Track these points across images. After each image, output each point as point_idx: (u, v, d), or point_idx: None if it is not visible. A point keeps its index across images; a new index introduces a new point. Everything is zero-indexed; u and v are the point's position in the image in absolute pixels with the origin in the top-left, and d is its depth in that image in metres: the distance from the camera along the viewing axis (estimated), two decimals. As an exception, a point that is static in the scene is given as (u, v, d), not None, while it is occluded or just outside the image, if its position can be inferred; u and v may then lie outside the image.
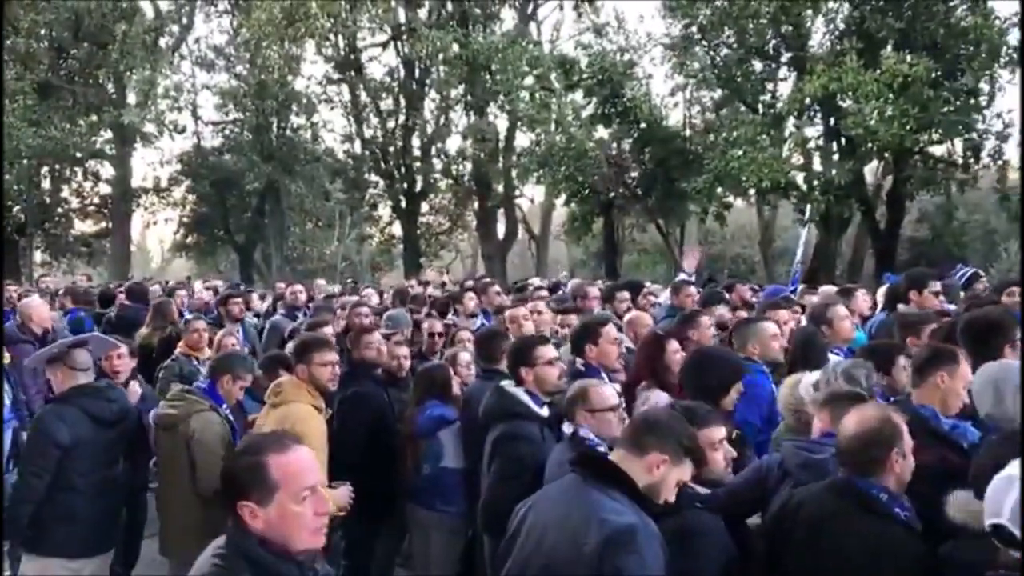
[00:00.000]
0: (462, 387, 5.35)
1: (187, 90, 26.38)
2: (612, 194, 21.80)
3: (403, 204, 26.45)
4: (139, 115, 24.27)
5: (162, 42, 26.32)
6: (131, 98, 25.72)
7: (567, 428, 3.79)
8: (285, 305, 9.81)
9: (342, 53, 25.18)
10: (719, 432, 3.20)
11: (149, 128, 26.07)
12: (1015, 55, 18.45)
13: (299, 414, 4.34)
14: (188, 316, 8.14)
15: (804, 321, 6.13)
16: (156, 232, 45.49)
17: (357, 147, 27.04)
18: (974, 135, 18.86)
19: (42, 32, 24.90)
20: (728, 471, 3.23)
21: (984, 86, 18.40)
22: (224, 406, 4.87)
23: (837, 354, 5.10)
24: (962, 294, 7.09)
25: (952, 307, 6.14)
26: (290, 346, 5.84)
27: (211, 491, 4.65)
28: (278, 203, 26.07)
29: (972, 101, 18.05)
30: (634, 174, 21.69)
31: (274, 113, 24.83)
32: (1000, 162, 20.20)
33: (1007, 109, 19.23)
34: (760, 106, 20.08)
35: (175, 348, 6.93)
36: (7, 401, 6.07)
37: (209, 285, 14.08)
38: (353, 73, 25.62)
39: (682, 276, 8.32)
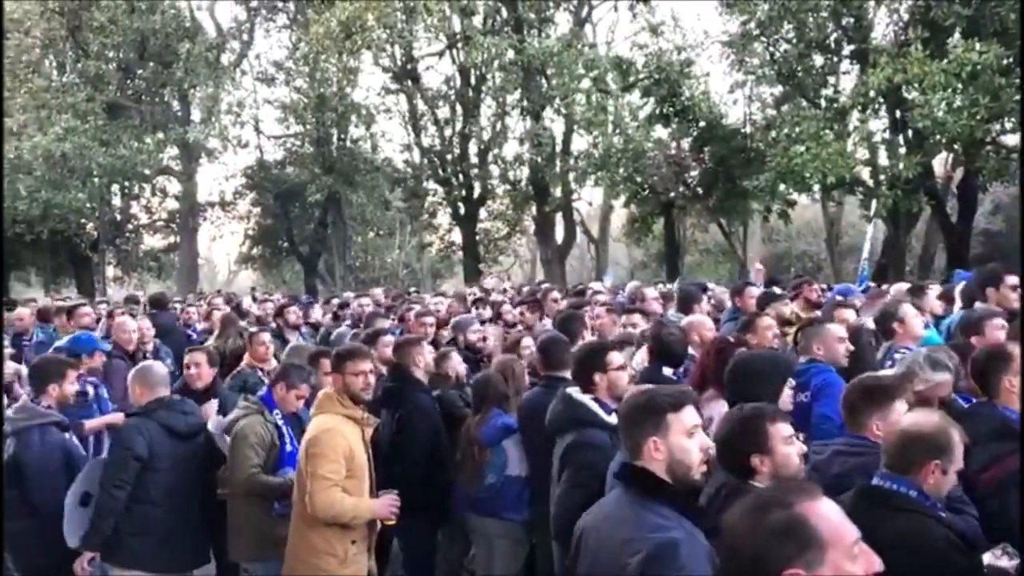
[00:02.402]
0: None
1: (249, 105, 26.98)
2: (672, 194, 21.56)
3: (462, 211, 26.57)
4: (203, 131, 24.89)
5: (224, 59, 26.94)
6: (195, 115, 26.40)
7: None
8: (351, 316, 9.93)
9: (399, 63, 25.42)
10: (788, 428, 3.09)
11: (213, 143, 26.72)
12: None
13: (324, 424, 4.33)
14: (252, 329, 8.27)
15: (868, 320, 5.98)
16: (222, 245, 46.60)
17: (415, 156, 27.28)
18: (1049, 122, 18.16)
19: (110, 54, 25.71)
20: (802, 466, 3.11)
21: (1059, 71, 17.70)
22: (276, 412, 4.92)
23: (903, 354, 4.93)
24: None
25: None
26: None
27: (240, 490, 4.73)
28: (340, 214, 26.43)
29: (1046, 88, 17.38)
30: (694, 173, 21.42)
31: (334, 125, 25.18)
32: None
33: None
34: (822, 101, 19.65)
35: (241, 360, 7.07)
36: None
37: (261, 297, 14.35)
38: (410, 83, 25.85)
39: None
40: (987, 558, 2.82)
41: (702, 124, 20.14)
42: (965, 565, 2.69)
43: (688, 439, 2.60)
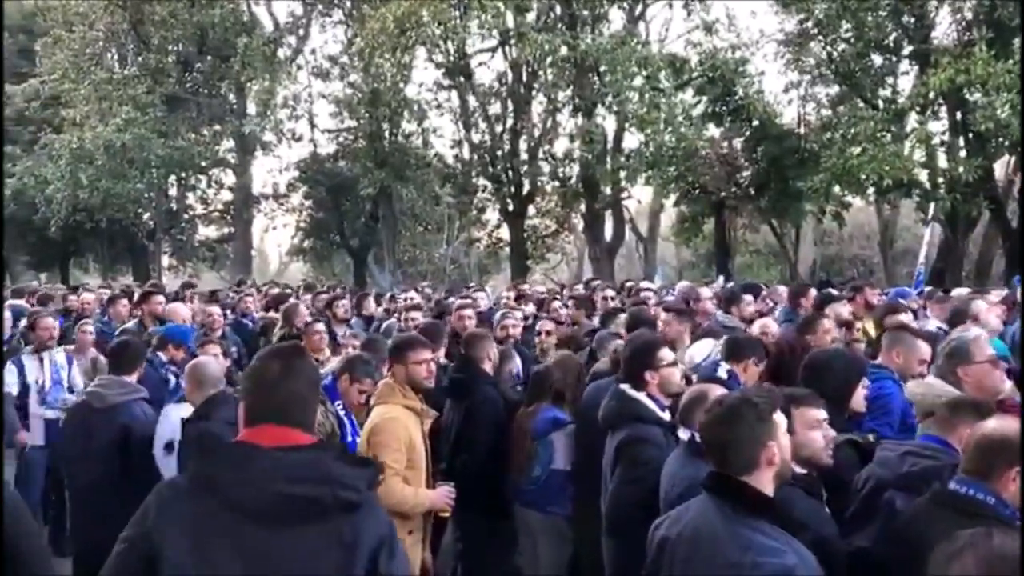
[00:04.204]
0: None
1: (304, 99, 27.29)
2: (723, 194, 21.37)
3: (510, 207, 26.62)
4: (259, 124, 25.27)
5: (280, 53, 27.31)
6: (251, 108, 26.80)
7: (683, 434, 3.74)
8: (397, 309, 10.05)
9: (452, 59, 25.53)
10: (819, 412, 3.16)
11: (268, 137, 27.12)
12: None
13: (386, 414, 4.38)
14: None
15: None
16: (275, 237, 47.25)
17: (466, 152, 27.37)
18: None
19: (170, 48, 26.24)
20: (828, 451, 3.17)
21: None
22: (337, 403, 4.99)
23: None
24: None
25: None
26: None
27: None
28: (390, 208, 26.65)
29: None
30: (746, 173, 21.20)
31: (386, 120, 25.37)
32: None
33: None
34: (880, 101, 19.33)
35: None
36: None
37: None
38: (462, 79, 25.95)
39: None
40: None
41: (755, 123, 19.91)
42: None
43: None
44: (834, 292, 7.93)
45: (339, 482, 2.10)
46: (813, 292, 7.46)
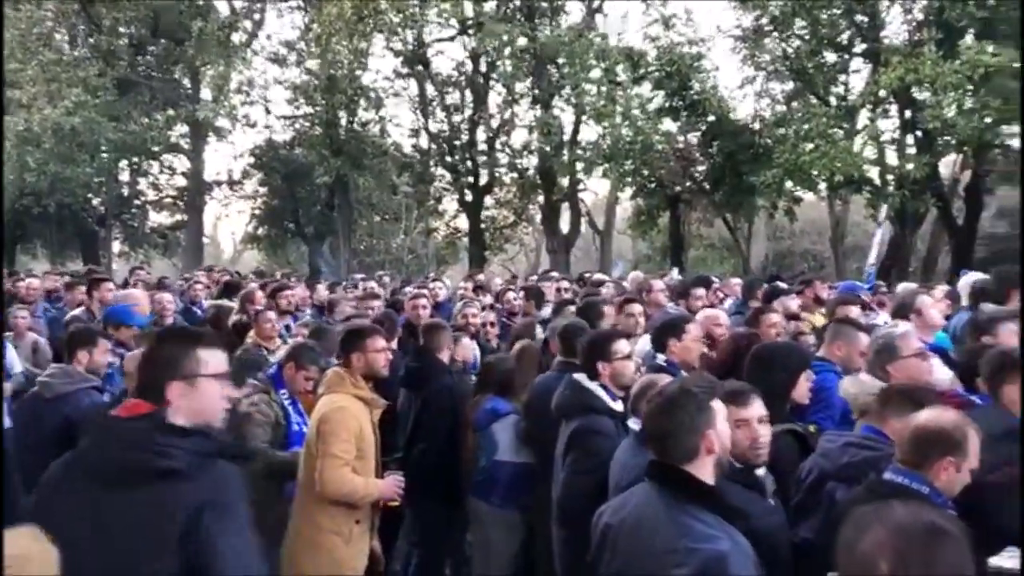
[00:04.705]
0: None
1: (259, 85, 26.94)
2: (679, 188, 21.58)
3: (468, 198, 26.58)
4: (213, 110, 24.86)
5: (235, 38, 26.88)
6: (206, 93, 26.37)
7: (634, 424, 3.79)
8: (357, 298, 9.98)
9: (410, 48, 25.38)
10: (747, 411, 3.16)
11: (223, 122, 26.70)
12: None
13: (335, 403, 4.37)
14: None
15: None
16: (229, 224, 46.60)
17: (424, 141, 27.26)
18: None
19: (122, 30, 25.67)
20: (759, 450, 3.18)
21: (1071, 77, 17.68)
22: (283, 391, 4.98)
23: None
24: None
25: None
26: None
27: (257, 468, 4.79)
28: (346, 196, 26.44)
29: (1057, 92, 17.36)
30: (702, 168, 21.42)
31: (343, 107, 25.14)
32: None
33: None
34: (832, 98, 19.66)
35: (245, 336, 7.13)
36: None
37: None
38: (420, 67, 25.82)
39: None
40: (994, 560, 2.87)
41: (711, 119, 20.12)
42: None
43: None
44: (783, 286, 8.06)
45: (155, 450, 2.26)
46: (766, 286, 7.58)
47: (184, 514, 2.19)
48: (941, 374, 4.65)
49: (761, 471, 3.12)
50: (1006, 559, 2.81)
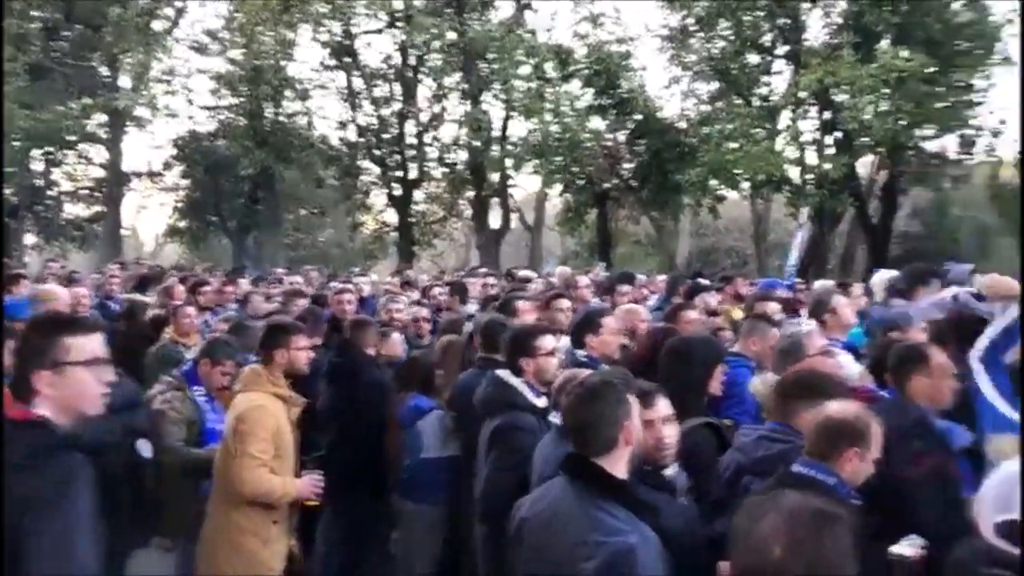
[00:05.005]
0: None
1: (181, 74, 26.21)
2: (606, 185, 21.81)
3: (397, 192, 26.37)
4: (132, 99, 24.12)
5: (156, 25, 26.11)
6: (124, 81, 25.55)
7: (556, 418, 3.80)
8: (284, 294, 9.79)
9: (337, 39, 25.03)
10: (653, 412, 3.12)
11: (142, 112, 25.91)
12: (1010, 52, 18.53)
13: (252, 401, 4.28)
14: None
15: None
16: (149, 217, 45.30)
17: (351, 134, 26.91)
18: (968, 131, 18.94)
19: (34, 13, 24.67)
20: (671, 449, 3.16)
21: (978, 82, 18.49)
22: (198, 388, 4.87)
23: (834, 345, 5.10)
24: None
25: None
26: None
27: (173, 466, 4.69)
28: (272, 190, 25.95)
29: (966, 97, 18.12)
30: (629, 165, 21.69)
31: (268, 99, 24.67)
32: (993, 158, 20.29)
33: (1000, 105, 19.37)
34: (755, 99, 20.09)
35: (162, 331, 6.95)
36: None
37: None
38: (348, 59, 25.49)
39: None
40: (895, 548, 2.96)
41: (638, 117, 20.39)
42: (873, 552, 2.82)
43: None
44: (705, 283, 8.20)
45: None
46: (689, 283, 7.71)
47: (10, 509, 2.11)
48: (851, 370, 4.78)
49: (671, 470, 3.12)
50: (906, 547, 2.91)
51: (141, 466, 4.94)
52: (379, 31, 25.21)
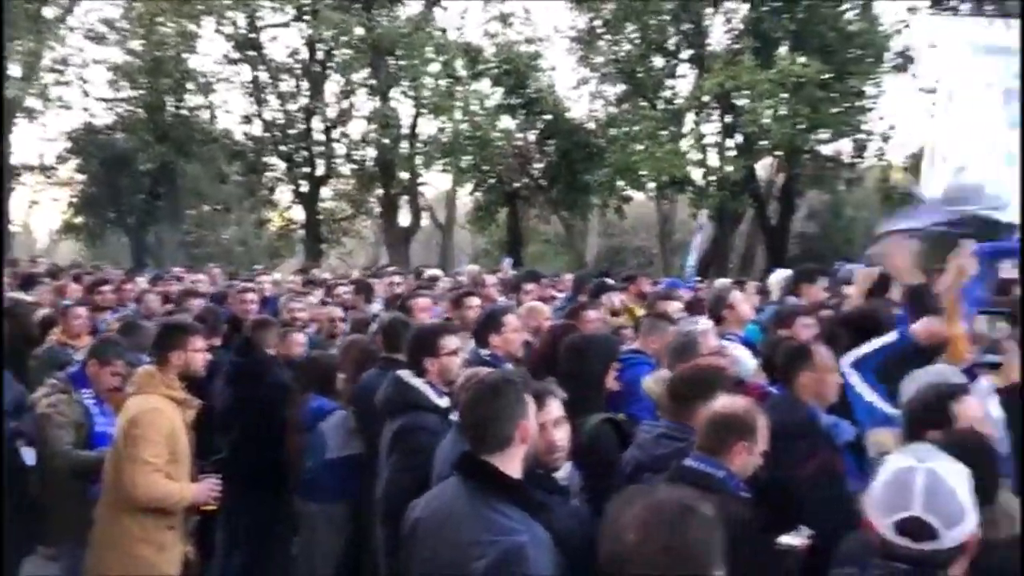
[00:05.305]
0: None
1: (75, 64, 25.13)
2: (517, 184, 21.94)
3: (303, 188, 25.93)
4: (23, 88, 23.02)
5: (47, 12, 24.97)
6: (14, 70, 24.35)
7: (457, 417, 3.80)
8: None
9: (241, 32, 24.44)
10: (554, 412, 3.07)
11: (33, 102, 24.73)
12: (899, 60, 19.42)
13: (145, 404, 4.14)
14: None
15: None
16: (42, 213, 43.32)
17: (257, 129, 26.33)
18: (860, 135, 19.77)
19: (-88, -4, 23.32)
20: (562, 452, 3.09)
21: (870, 89, 19.31)
22: (86, 391, 4.73)
23: (731, 340, 5.24)
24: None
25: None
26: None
27: (61, 470, 4.53)
28: (173, 184, 25.18)
29: (859, 103, 18.91)
30: (539, 165, 21.87)
31: (170, 91, 23.93)
32: (883, 162, 21.26)
33: (889, 111, 20.32)
34: (660, 102, 20.52)
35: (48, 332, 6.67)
36: None
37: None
38: (253, 52, 24.93)
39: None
40: (783, 539, 3.07)
41: (548, 117, 20.59)
42: (760, 542, 2.92)
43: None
44: (610, 282, 8.33)
45: None
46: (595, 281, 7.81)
47: None
48: (747, 365, 4.94)
49: (562, 473, 3.14)
50: (793, 538, 3.02)
51: (24, 472, 4.78)
52: (285, 25, 24.75)
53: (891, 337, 4.14)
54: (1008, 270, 6.11)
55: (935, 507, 2.06)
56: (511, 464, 2.60)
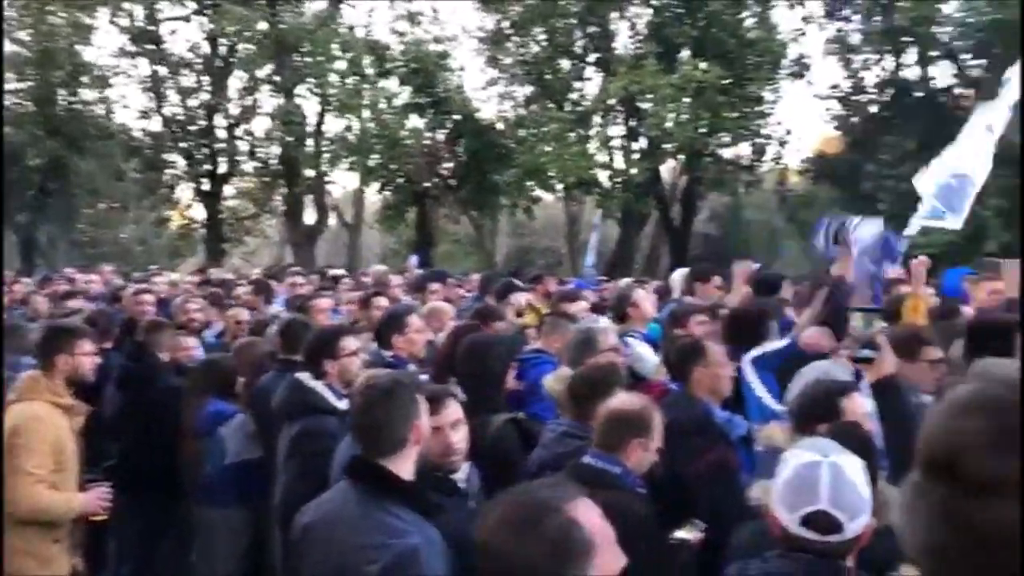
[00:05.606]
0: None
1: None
2: (426, 184, 21.84)
3: (206, 187, 25.21)
4: None
5: (-76, -3, 23.63)
6: None
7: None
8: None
9: (139, 24, 23.61)
10: (451, 414, 3.04)
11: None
12: (795, 67, 20.14)
13: (28, 412, 3.97)
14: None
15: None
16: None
17: (156, 125, 25.47)
18: (759, 140, 20.43)
19: None
20: (460, 455, 3.07)
21: (768, 95, 19.96)
22: None
23: (634, 337, 5.33)
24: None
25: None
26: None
27: None
28: (65, 182, 24.12)
29: (757, 108, 19.54)
30: (448, 165, 21.82)
31: (61, 84, 22.92)
32: (781, 165, 22.03)
33: (786, 116, 21.07)
34: (568, 104, 20.75)
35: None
36: None
37: None
38: (152, 46, 24.10)
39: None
40: (677, 533, 3.14)
41: (457, 117, 20.55)
42: (656, 537, 2.98)
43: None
44: (517, 282, 8.37)
45: None
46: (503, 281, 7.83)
47: None
48: (650, 362, 5.04)
49: (461, 474, 3.12)
50: (687, 532, 3.10)
51: None
52: (185, 18, 24.03)
53: (784, 342, 4.29)
54: (894, 271, 6.46)
55: (840, 501, 2.15)
56: (404, 466, 2.59)
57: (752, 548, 2.48)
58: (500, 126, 21.66)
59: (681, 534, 3.14)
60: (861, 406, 3.24)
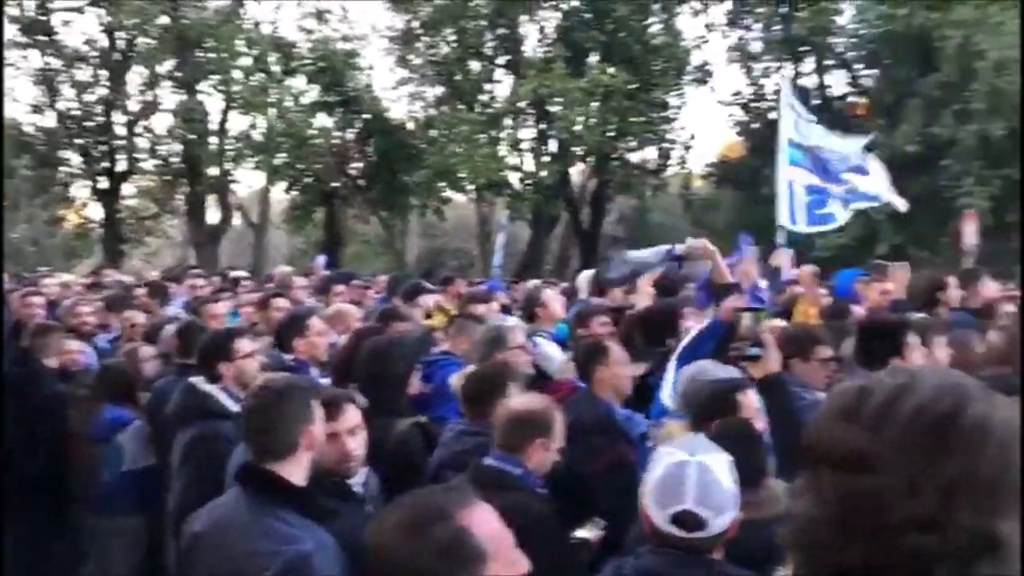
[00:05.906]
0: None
1: None
2: (335, 184, 21.54)
3: (103, 185, 24.25)
4: None
5: None
6: None
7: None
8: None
9: (30, 15, 22.55)
10: (349, 420, 2.99)
11: None
12: (699, 73, 20.67)
13: None
14: None
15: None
16: None
17: (49, 120, 24.37)
18: (665, 144, 20.88)
19: None
20: (357, 461, 3.03)
21: (672, 100, 20.43)
22: None
23: (543, 336, 5.37)
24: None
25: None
26: None
27: None
28: (-52, 177, 22.86)
29: (663, 113, 19.97)
30: (357, 165, 21.58)
31: (-57, 76, 21.71)
32: (685, 169, 22.57)
33: (690, 122, 21.63)
34: (478, 105, 20.79)
35: None
36: None
37: None
38: (44, 38, 23.05)
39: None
40: (577, 532, 3.17)
41: (367, 117, 20.35)
42: (556, 537, 3.00)
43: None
44: (426, 284, 8.34)
45: None
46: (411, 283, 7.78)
47: None
48: (557, 361, 5.09)
49: (358, 479, 3.07)
50: (587, 531, 3.13)
51: None
52: (80, 10, 23.06)
53: (705, 324, 4.37)
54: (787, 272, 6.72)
55: (706, 500, 2.25)
56: (296, 471, 2.55)
57: (638, 547, 2.53)
58: (410, 126, 21.54)
59: (582, 533, 3.16)
60: (755, 402, 3.34)
